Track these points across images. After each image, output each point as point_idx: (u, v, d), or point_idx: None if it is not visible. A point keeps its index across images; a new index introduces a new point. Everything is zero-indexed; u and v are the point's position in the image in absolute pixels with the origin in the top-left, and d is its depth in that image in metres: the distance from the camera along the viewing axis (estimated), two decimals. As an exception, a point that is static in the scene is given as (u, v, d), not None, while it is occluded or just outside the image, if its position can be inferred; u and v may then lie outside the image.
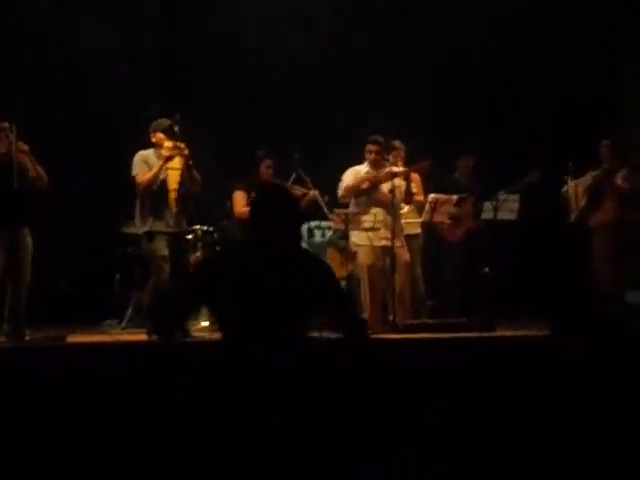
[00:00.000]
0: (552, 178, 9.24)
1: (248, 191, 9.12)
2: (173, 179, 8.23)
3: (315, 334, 7.97)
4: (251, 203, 4.48)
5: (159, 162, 8.21)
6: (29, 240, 8.03)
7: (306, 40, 11.11)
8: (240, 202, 9.22)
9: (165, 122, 8.29)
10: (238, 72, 11.08)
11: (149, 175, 8.18)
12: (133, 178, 8.19)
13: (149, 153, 8.30)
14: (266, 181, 9.16)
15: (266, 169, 9.27)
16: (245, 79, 11.09)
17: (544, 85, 11.08)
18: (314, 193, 9.10)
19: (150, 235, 8.19)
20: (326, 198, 9.18)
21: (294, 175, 9.30)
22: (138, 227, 8.28)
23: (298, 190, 9.09)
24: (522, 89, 11.17)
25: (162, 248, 8.14)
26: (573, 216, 9.08)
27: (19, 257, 7.97)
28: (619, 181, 8.82)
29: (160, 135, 8.28)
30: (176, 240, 8.25)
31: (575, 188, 9.00)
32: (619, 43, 10.91)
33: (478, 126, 11.02)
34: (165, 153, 8.21)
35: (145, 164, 8.22)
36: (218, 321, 4.42)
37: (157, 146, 8.29)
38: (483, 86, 11.23)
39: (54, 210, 9.08)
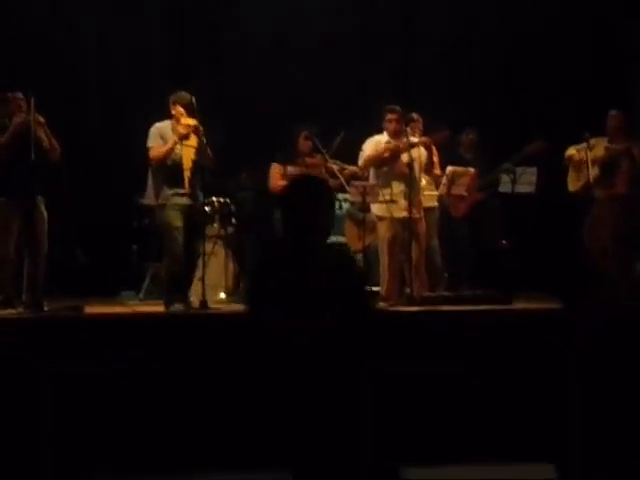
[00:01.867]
0: (563, 149, 9.21)
1: (284, 164, 9.14)
2: (187, 155, 8.19)
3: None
4: (285, 196, 4.30)
5: (174, 137, 8.18)
6: (44, 211, 8.05)
7: (320, 13, 11.08)
8: (276, 175, 9.23)
9: (187, 96, 8.22)
10: (257, 48, 11.06)
11: (163, 150, 8.14)
12: (147, 150, 8.17)
13: (165, 125, 8.26)
14: (305, 155, 9.19)
15: (304, 141, 9.27)
16: (264, 54, 11.06)
17: (555, 60, 11.05)
18: (352, 168, 9.13)
19: (163, 207, 8.18)
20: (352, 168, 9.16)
21: (338, 138, 9.24)
22: (151, 199, 8.28)
23: (338, 165, 9.12)
24: (533, 63, 11.14)
25: (176, 219, 8.12)
26: (578, 185, 9.03)
27: (36, 228, 8.01)
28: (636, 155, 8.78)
29: (180, 109, 8.23)
30: (191, 212, 8.23)
31: (588, 154, 8.92)
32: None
33: (487, 99, 10.99)
34: (182, 131, 8.18)
35: (160, 137, 8.18)
36: None
37: (175, 119, 8.25)
38: (494, 60, 11.21)
39: (71, 182, 9.11)
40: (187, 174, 8.19)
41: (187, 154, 8.19)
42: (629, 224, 8.77)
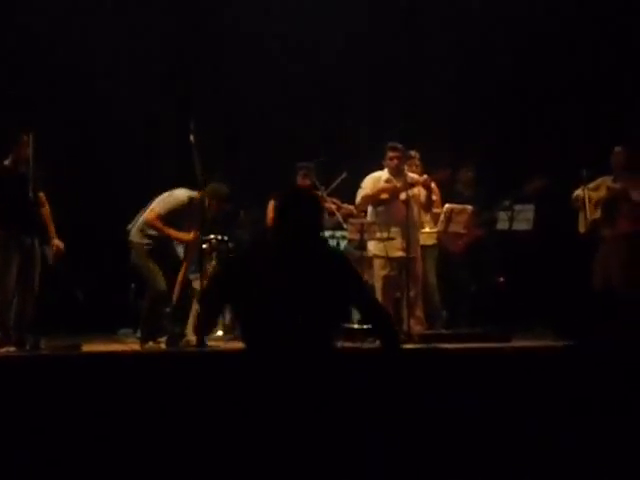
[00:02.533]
0: (564, 186, 9.24)
1: None
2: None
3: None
4: (275, 206, 4.59)
5: (182, 237, 8.42)
6: (39, 250, 8.09)
7: (323, 41, 11.19)
8: (272, 211, 9.25)
9: (224, 191, 8.40)
10: (256, 78, 11.12)
11: (166, 232, 8.33)
12: (155, 211, 8.30)
13: (185, 202, 8.36)
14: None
15: (302, 178, 9.31)
16: (265, 86, 11.12)
17: (556, 93, 11.09)
18: (349, 208, 9.12)
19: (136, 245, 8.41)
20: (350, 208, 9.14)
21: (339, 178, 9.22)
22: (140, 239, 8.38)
23: (333, 202, 9.15)
24: (535, 95, 11.18)
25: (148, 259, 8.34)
26: (584, 224, 9.06)
27: (32, 267, 8.06)
28: (635, 196, 8.78)
29: (214, 204, 8.38)
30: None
31: (586, 194, 8.96)
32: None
33: (483, 136, 11.03)
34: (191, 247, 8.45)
35: (173, 213, 8.32)
36: (241, 323, 4.44)
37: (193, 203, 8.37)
38: (495, 94, 11.25)
39: (69, 220, 9.12)
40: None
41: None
42: (634, 262, 8.75)
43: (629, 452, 4.31)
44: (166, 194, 8.40)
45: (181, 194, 8.35)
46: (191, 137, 8.26)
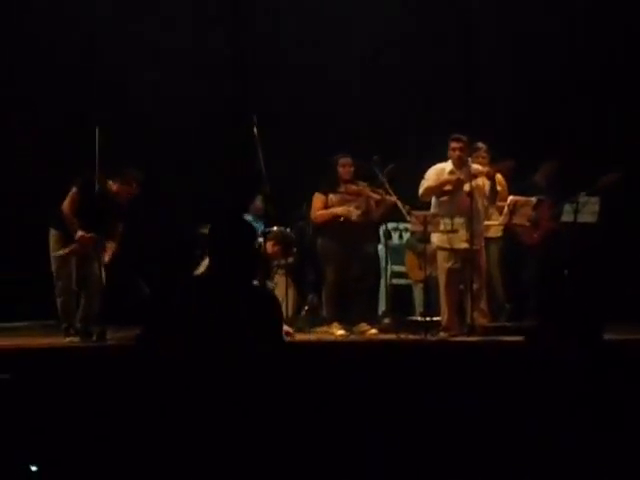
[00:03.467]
0: (633, 178, 9.12)
1: (326, 193, 9.13)
2: None
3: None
4: (208, 235, 4.23)
5: None
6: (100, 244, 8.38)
7: (381, 39, 11.18)
8: (317, 205, 9.19)
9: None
10: (312, 74, 11.15)
11: None
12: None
13: None
14: (346, 182, 9.14)
15: (342, 167, 9.21)
16: (321, 80, 11.14)
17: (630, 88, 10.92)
18: (392, 197, 9.01)
19: None
20: (407, 207, 9.05)
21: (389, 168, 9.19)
22: None
23: (376, 193, 9.05)
24: (608, 92, 11.00)
25: None
26: None
27: (94, 260, 8.39)
28: None
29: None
30: None
31: None
32: None
33: (561, 129, 10.89)
34: None
35: None
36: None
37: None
38: (568, 89, 11.10)
39: (135, 212, 9.26)
40: None
41: None
42: None
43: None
44: None
45: None
46: (254, 130, 8.34)
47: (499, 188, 9.21)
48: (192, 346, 4.00)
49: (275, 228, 9.44)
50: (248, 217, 8.69)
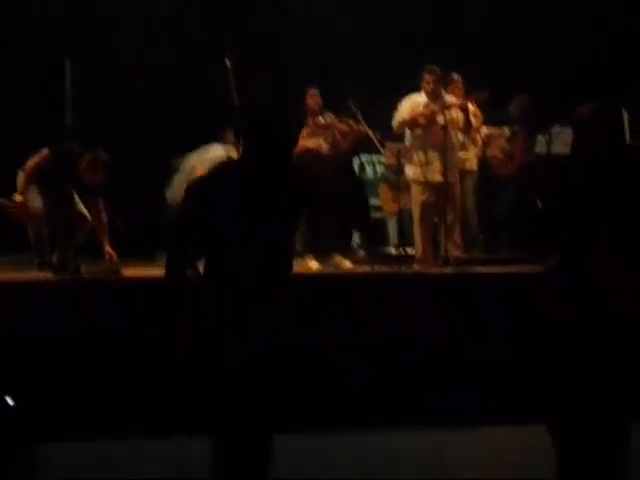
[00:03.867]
0: (607, 110, 9.08)
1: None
2: None
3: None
4: (248, 122, 4.31)
5: None
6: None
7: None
8: None
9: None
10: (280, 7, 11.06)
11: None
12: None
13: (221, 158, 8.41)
14: (314, 114, 9.09)
15: (311, 98, 9.16)
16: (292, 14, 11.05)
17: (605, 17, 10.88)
18: (364, 128, 8.99)
19: None
20: (378, 135, 9.04)
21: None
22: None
23: (348, 124, 9.03)
24: (583, 22, 10.97)
25: None
26: None
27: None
28: None
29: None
30: None
31: None
32: None
33: (534, 61, 10.86)
34: None
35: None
36: (206, 247, 4.28)
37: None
38: (543, 21, 11.05)
39: (111, 144, 9.20)
40: None
41: None
42: None
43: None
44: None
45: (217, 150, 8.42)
46: (227, 64, 8.29)
47: (473, 120, 9.20)
48: (232, 234, 4.08)
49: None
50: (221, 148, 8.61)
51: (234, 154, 8.18)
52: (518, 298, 7.27)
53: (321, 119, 9.08)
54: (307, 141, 9.01)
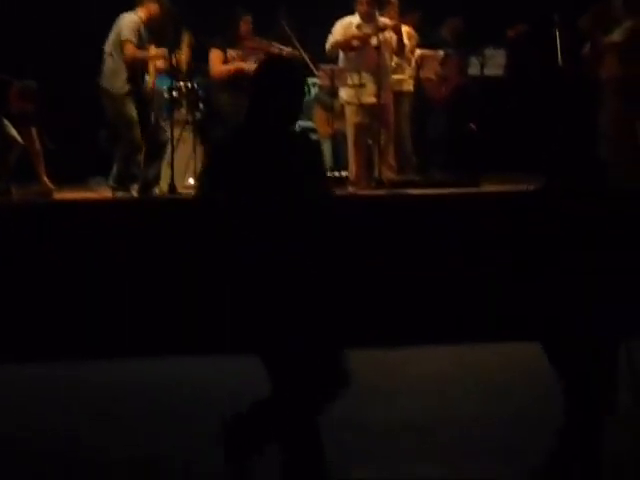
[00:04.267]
0: (539, 32, 9.13)
1: (224, 49, 8.98)
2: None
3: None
4: (255, 76, 4.13)
5: (157, 52, 8.44)
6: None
7: None
8: (216, 60, 9.01)
9: None
10: None
11: (139, 55, 8.31)
12: (120, 41, 8.16)
13: (139, 21, 8.24)
14: (245, 39, 9.00)
15: (244, 25, 9.05)
16: None
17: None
18: (298, 50, 8.92)
19: (121, 97, 8.31)
20: (309, 56, 8.97)
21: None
22: (115, 87, 8.32)
23: (280, 48, 8.95)
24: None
25: (131, 109, 8.29)
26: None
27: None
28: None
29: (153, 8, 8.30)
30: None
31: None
32: None
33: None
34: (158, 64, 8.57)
35: (136, 32, 8.20)
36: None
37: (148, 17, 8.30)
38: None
39: (38, 61, 9.04)
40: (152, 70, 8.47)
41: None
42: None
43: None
44: (115, 26, 8.32)
45: (130, 15, 8.31)
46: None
47: (407, 42, 9.18)
48: (243, 193, 3.93)
49: (181, 84, 9.30)
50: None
51: (143, 14, 8.28)
52: (451, 219, 7.33)
53: (252, 42, 9.00)
54: (240, 62, 8.91)
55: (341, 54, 8.89)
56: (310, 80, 9.59)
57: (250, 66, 8.86)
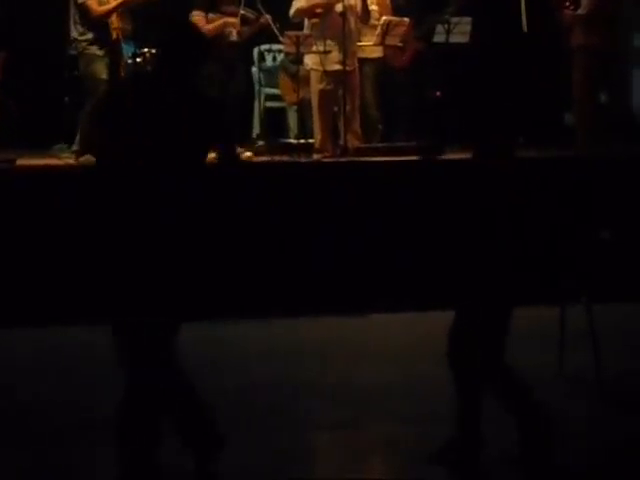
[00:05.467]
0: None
1: (206, 12, 8.94)
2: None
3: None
4: (160, 39, 4.43)
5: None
6: None
7: None
8: (200, 22, 8.97)
9: None
10: None
11: (104, 9, 8.17)
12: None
13: None
14: (222, 3, 8.96)
15: None
16: None
17: None
18: (266, 18, 8.88)
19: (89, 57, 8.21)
20: (277, 25, 8.95)
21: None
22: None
23: (249, 14, 8.91)
24: None
25: (101, 71, 8.18)
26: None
27: None
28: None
29: None
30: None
31: None
32: None
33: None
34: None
35: None
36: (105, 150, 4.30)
37: None
38: None
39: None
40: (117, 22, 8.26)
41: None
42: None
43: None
44: None
45: None
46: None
47: (374, 7, 9.15)
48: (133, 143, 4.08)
49: (145, 50, 9.24)
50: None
51: None
52: (414, 186, 7.36)
53: (230, 8, 8.98)
54: (228, 18, 8.89)
55: (306, 21, 8.85)
56: (275, 47, 9.58)
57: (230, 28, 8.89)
